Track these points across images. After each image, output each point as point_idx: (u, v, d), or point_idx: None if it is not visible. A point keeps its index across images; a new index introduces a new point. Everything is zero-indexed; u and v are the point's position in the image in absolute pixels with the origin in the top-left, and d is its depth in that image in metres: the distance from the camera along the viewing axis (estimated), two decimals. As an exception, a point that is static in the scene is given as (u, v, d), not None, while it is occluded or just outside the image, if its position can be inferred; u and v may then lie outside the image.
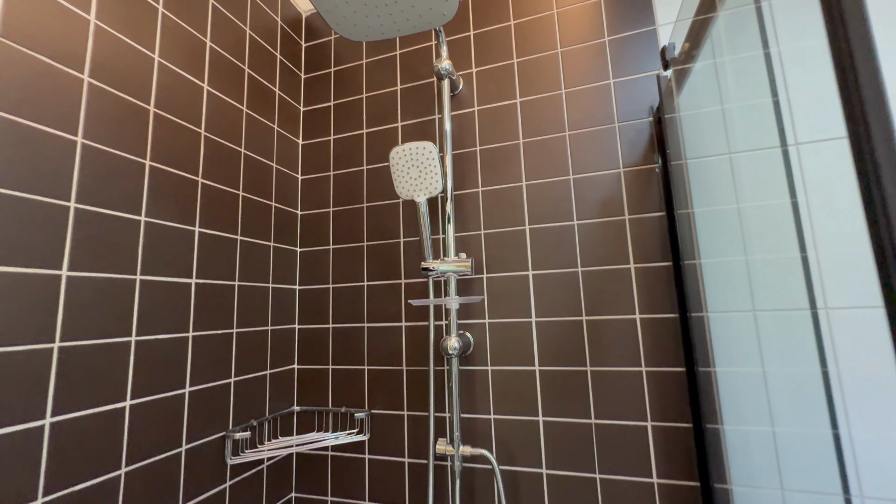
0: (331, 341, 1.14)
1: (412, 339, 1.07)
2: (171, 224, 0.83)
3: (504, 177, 1.05)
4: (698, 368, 0.84)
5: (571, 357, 0.94)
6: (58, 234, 0.65)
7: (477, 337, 1.02)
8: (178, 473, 0.81)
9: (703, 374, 0.85)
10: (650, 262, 0.91)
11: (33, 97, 0.63)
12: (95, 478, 0.67)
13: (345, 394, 1.11)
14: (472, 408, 0.99)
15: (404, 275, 1.10)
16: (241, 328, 0.98)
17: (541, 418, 0.94)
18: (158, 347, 0.79)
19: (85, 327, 0.67)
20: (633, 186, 0.95)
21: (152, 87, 0.82)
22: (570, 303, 0.96)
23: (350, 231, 1.17)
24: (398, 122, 1.17)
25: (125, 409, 0.72)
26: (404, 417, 1.05)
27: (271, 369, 1.07)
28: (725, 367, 0.82)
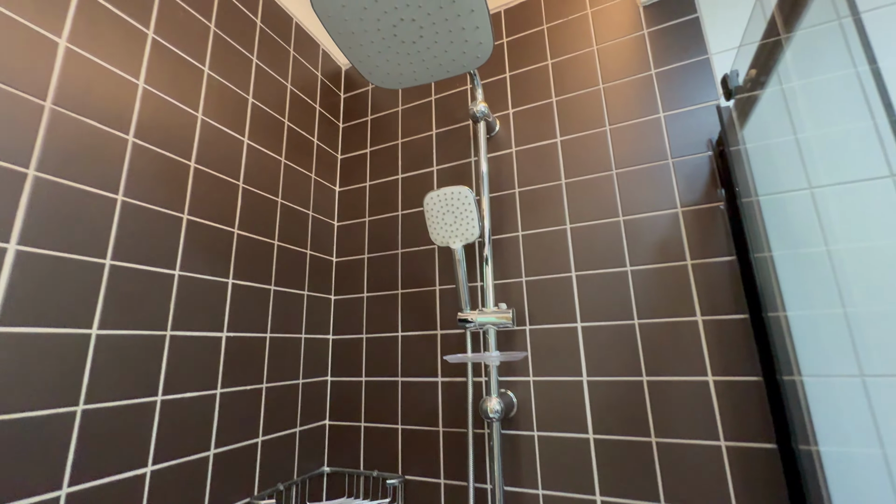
0: (363, 396, 1.07)
1: (449, 396, 0.98)
2: (204, 277, 0.82)
3: (546, 220, 0.98)
4: (797, 446, 0.69)
5: (632, 424, 0.81)
6: (91, 292, 0.64)
7: (520, 396, 0.91)
8: (197, 547, 0.75)
9: (802, 452, 0.70)
10: (722, 314, 0.79)
11: (79, 159, 0.65)
12: (108, 554, 0.62)
13: (377, 455, 1.02)
14: (517, 479, 0.88)
15: (440, 325, 1.03)
16: (270, 382, 0.94)
17: (598, 497, 0.81)
18: (184, 407, 0.75)
19: (110, 388, 0.65)
20: (695, 227, 0.84)
21: (194, 143, 0.84)
22: (627, 360, 0.84)
23: (385, 278, 1.13)
24: (433, 167, 1.15)
25: (146, 475, 0.68)
26: (441, 487, 0.94)
27: (301, 426, 1.01)
28: (831, 445, 0.67)
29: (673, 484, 0.76)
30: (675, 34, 0.94)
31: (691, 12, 0.94)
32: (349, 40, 0.68)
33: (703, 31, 0.92)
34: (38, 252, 0.59)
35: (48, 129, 0.62)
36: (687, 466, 0.76)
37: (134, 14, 0.76)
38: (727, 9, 0.91)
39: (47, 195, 0.61)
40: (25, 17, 0.61)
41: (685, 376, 0.79)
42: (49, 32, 0.64)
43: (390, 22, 0.63)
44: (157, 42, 0.79)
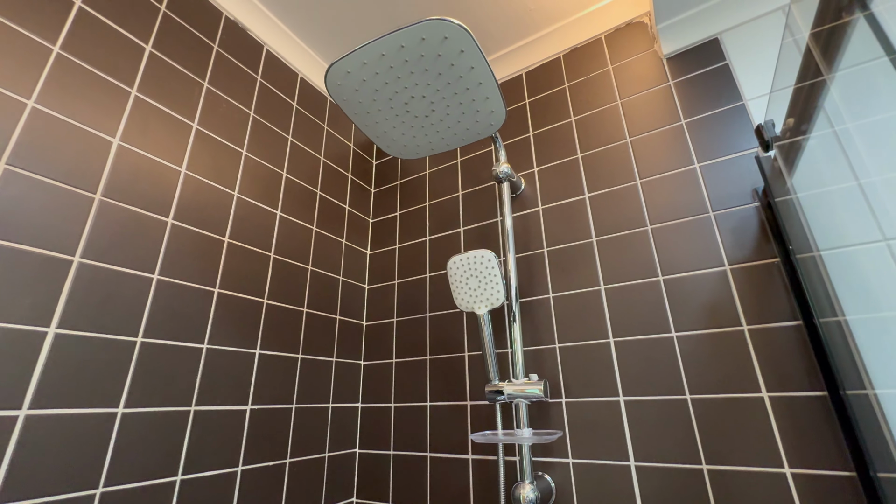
0: (391, 472, 1.01)
1: (480, 476, 0.90)
2: (231, 349, 0.83)
3: (578, 280, 0.92)
4: (914, 570, 0.54)
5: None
6: (121, 370, 0.67)
7: (559, 479, 0.81)
8: None
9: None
10: (793, 390, 0.67)
11: (121, 243, 0.70)
12: None
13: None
14: (560, 585, 0.76)
15: (470, 395, 0.97)
16: (295, 457, 0.91)
17: None
18: (203, 487, 0.74)
19: (130, 469, 0.65)
20: (748, 287, 0.75)
21: (229, 220, 0.89)
22: (682, 442, 0.73)
23: (413, 343, 1.09)
24: (460, 227, 1.14)
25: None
26: (474, 586, 0.83)
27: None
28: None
29: None
30: (705, 83, 0.90)
31: (719, 60, 0.90)
32: (365, 119, 0.71)
33: (734, 78, 0.87)
34: (75, 334, 0.63)
35: (96, 218, 0.68)
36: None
37: (181, 110, 0.85)
38: (758, 53, 0.86)
39: (88, 279, 0.65)
40: (84, 122, 0.69)
41: (755, 466, 0.67)
42: (104, 133, 0.72)
43: (402, 100, 0.65)
44: (199, 132, 0.87)
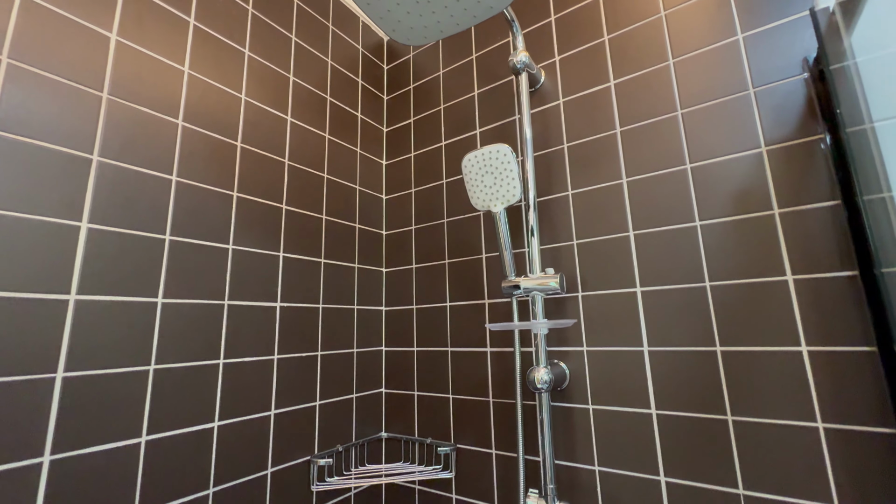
0: (416, 366, 1.08)
1: (499, 367, 0.95)
2: (256, 251, 0.87)
3: (599, 175, 0.88)
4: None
5: (702, 401, 0.71)
6: (154, 265, 0.71)
7: (573, 367, 0.85)
8: (264, 498, 0.82)
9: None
10: (821, 271, 0.65)
11: (136, 144, 0.71)
12: (185, 496, 0.70)
13: (430, 423, 1.03)
14: (572, 454, 0.82)
15: (487, 294, 0.99)
16: (325, 351, 0.99)
17: (663, 478, 0.73)
18: (244, 371, 0.81)
19: (177, 351, 0.72)
20: (784, 170, 0.69)
21: (239, 124, 0.88)
22: (697, 328, 0.73)
23: (432, 249, 1.11)
24: (476, 129, 1.09)
25: (213, 429, 0.75)
26: (492, 457, 0.92)
27: (357, 393, 1.05)
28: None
29: (755, 468, 0.66)
30: (759, -66, 0.77)
31: None
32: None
33: (796, -76, 0.74)
34: (106, 229, 0.66)
35: (106, 117, 0.68)
36: (773, 448, 0.65)
37: (175, 3, 0.80)
38: None
39: (109, 178, 0.67)
40: (78, 15, 0.67)
41: (771, 346, 0.67)
42: (101, 28, 0.69)
43: (403, -34, 0.59)
44: (198, 29, 0.83)
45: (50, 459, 0.57)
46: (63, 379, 0.59)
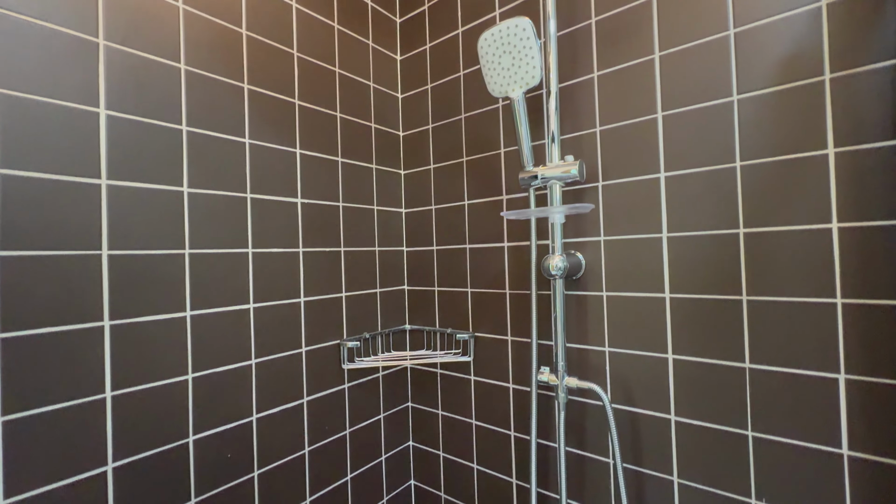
0: (435, 264, 1.12)
1: (515, 260, 0.97)
2: (273, 146, 0.87)
3: (628, 52, 0.80)
4: (948, 301, 0.53)
5: (717, 283, 0.71)
6: (176, 154, 0.73)
7: (589, 258, 0.85)
8: (301, 370, 0.91)
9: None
10: (866, 142, 0.59)
11: (138, 27, 0.69)
12: (230, 364, 0.79)
13: (451, 316, 1.09)
14: (583, 338, 0.86)
15: (505, 189, 0.98)
16: (348, 247, 1.03)
17: (670, 356, 0.76)
18: (272, 260, 0.87)
19: (207, 238, 0.77)
20: (845, 23, 0.61)
21: (242, 9, 0.83)
22: (720, 211, 0.71)
23: (449, 148, 1.08)
24: (496, 11, 0.99)
25: (249, 310, 0.82)
26: (508, 343, 0.98)
27: (381, 288, 1.11)
28: None
29: (764, 343, 0.67)
30: None
31: None
32: None
33: None
34: (125, 117, 0.67)
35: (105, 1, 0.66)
36: (784, 325, 0.65)
37: None
38: None
39: (119, 63, 0.67)
40: None
41: (798, 225, 0.64)
42: None
43: None
44: None
45: (110, 324, 0.65)
46: (109, 256, 0.65)
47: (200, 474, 0.75)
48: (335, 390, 0.99)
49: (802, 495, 0.64)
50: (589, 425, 0.86)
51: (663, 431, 0.77)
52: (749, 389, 0.68)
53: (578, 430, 0.87)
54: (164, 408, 0.70)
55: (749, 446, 0.68)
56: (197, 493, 0.74)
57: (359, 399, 1.04)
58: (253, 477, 0.82)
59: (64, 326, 0.60)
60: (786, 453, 0.65)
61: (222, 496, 0.77)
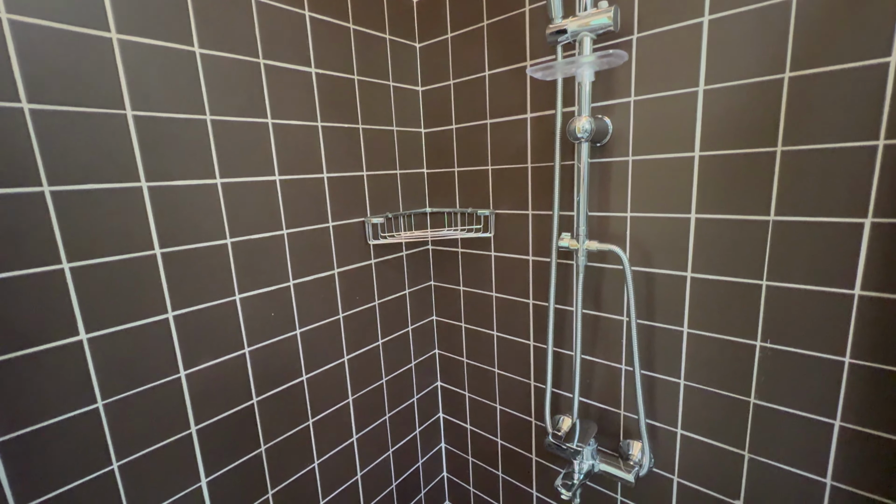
0: (455, 143, 1.10)
1: (538, 131, 0.94)
2: (280, 6, 0.81)
3: None
4: None
5: (752, 135, 0.68)
6: (181, 9, 0.69)
7: (617, 123, 0.82)
8: (329, 243, 0.96)
9: None
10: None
11: None
12: (263, 233, 0.83)
13: (471, 195, 1.10)
14: (605, 205, 0.87)
15: (530, 54, 0.91)
16: (366, 125, 1.00)
17: (693, 215, 0.76)
18: (292, 133, 0.86)
19: (226, 104, 0.75)
20: None
21: None
22: (765, 55, 0.65)
23: (468, 11, 0.99)
24: None
25: (276, 182, 0.84)
26: (528, 217, 0.99)
27: (401, 170, 1.11)
28: None
29: (793, 194, 0.66)
30: None
31: None
32: None
33: None
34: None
35: None
36: (818, 174, 0.64)
37: None
38: None
39: None
40: None
41: (850, 62, 0.59)
42: None
43: None
44: None
45: (147, 185, 0.67)
46: (134, 116, 0.65)
47: (249, 329, 0.83)
48: (363, 265, 1.04)
49: (807, 335, 0.68)
50: (605, 288, 0.90)
51: (678, 288, 0.80)
52: (770, 241, 0.69)
53: (595, 293, 0.92)
54: (209, 267, 0.76)
55: (762, 295, 0.72)
56: (249, 344, 0.83)
57: (385, 274, 1.10)
58: (296, 334, 0.91)
59: (105, 184, 0.63)
60: (797, 298, 0.68)
61: (269, 349, 0.87)
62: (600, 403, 0.96)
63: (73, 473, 0.63)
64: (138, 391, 0.69)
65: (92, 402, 0.64)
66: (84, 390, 0.63)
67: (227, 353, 0.80)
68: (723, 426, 0.79)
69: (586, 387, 0.98)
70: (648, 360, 0.86)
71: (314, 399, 0.96)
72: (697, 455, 0.83)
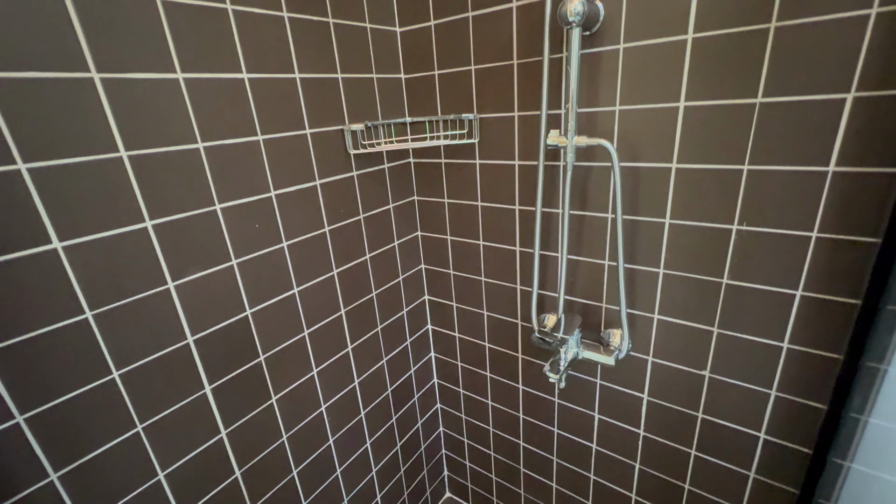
0: (434, 42, 1.02)
1: (524, 23, 0.88)
2: None
3: None
4: None
5: (747, 12, 0.66)
6: None
7: (609, 6, 0.78)
8: (309, 152, 0.91)
9: None
10: None
11: None
12: (236, 138, 0.78)
13: (453, 101, 1.05)
14: (594, 100, 0.85)
15: (515, -72, 0.83)
16: (336, 19, 0.91)
17: (682, 104, 0.76)
18: (257, 23, 0.77)
19: None
20: None
21: None
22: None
23: None
24: None
25: (244, 80, 0.77)
26: (514, 119, 0.97)
27: (377, 74, 1.03)
28: None
29: (780, 73, 0.66)
30: None
31: None
32: None
33: None
34: None
35: None
36: (809, 50, 0.64)
37: None
38: None
39: None
40: None
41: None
42: None
43: None
44: None
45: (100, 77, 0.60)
46: None
47: (235, 241, 0.80)
48: (345, 177, 1.01)
49: (781, 214, 0.72)
50: (591, 187, 0.91)
51: (662, 180, 0.82)
52: (755, 124, 0.71)
53: (581, 193, 0.93)
54: (183, 174, 0.71)
55: (742, 179, 0.74)
56: (236, 256, 0.81)
57: (368, 188, 1.07)
58: (283, 247, 0.89)
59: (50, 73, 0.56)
60: (775, 180, 0.71)
61: (257, 260, 0.85)
62: (583, 299, 1.02)
63: (73, 382, 0.63)
64: (127, 302, 0.67)
65: (80, 312, 0.62)
66: (70, 300, 0.61)
67: (214, 264, 0.78)
68: (696, 307, 0.86)
69: (570, 285, 1.02)
70: (631, 253, 0.90)
71: (307, 311, 0.97)
72: (671, 335, 0.91)
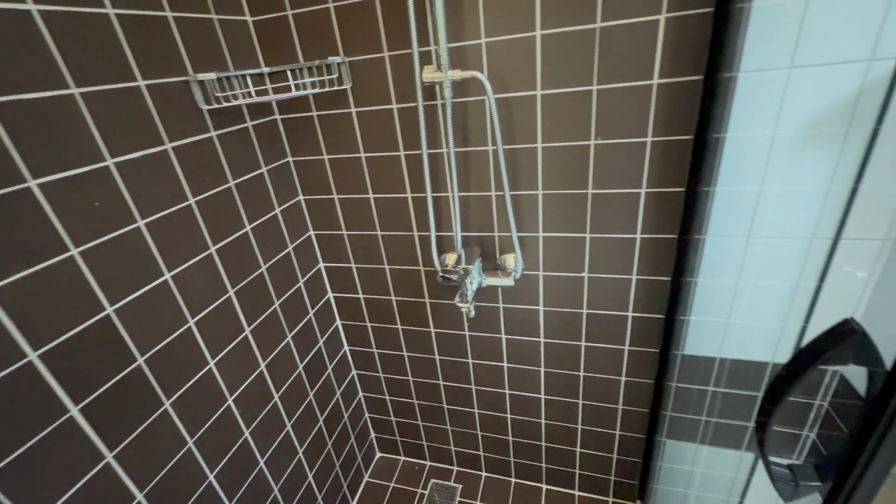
0: (280, -24, 0.91)
1: (379, -47, 0.84)
2: None
3: None
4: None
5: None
6: None
7: (461, -65, 0.79)
8: (148, 108, 0.75)
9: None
10: None
11: None
12: (35, 92, 0.60)
13: (315, 45, 0.96)
14: (459, 35, 0.87)
15: None
16: None
17: (538, 32, 0.83)
18: None
19: None
20: None
21: None
22: None
23: None
24: None
25: (31, 12, 0.59)
26: (385, 59, 0.94)
27: (217, 14, 0.89)
28: None
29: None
30: None
31: None
32: None
33: None
34: None
35: None
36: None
37: None
38: None
39: None
40: None
41: None
42: None
43: None
44: None
45: None
46: None
47: (68, 225, 0.64)
48: (202, 138, 0.86)
49: (624, 126, 0.86)
50: (470, 122, 0.95)
51: (531, 107, 0.90)
52: (598, 48, 0.81)
53: (462, 129, 0.96)
54: None
55: (593, 98, 0.85)
56: (75, 244, 0.65)
57: (233, 149, 0.94)
58: (139, 226, 0.74)
59: None
60: (618, 96, 0.84)
61: (106, 245, 0.69)
62: (478, 232, 1.09)
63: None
64: None
65: None
66: None
67: (45, 258, 0.61)
68: (571, 219, 0.99)
69: (464, 221, 1.08)
70: (514, 180, 0.98)
71: (188, 298, 0.84)
72: (555, 249, 1.04)
